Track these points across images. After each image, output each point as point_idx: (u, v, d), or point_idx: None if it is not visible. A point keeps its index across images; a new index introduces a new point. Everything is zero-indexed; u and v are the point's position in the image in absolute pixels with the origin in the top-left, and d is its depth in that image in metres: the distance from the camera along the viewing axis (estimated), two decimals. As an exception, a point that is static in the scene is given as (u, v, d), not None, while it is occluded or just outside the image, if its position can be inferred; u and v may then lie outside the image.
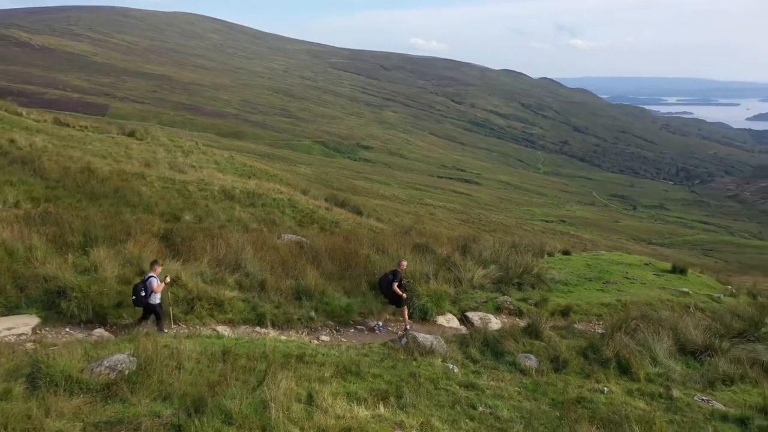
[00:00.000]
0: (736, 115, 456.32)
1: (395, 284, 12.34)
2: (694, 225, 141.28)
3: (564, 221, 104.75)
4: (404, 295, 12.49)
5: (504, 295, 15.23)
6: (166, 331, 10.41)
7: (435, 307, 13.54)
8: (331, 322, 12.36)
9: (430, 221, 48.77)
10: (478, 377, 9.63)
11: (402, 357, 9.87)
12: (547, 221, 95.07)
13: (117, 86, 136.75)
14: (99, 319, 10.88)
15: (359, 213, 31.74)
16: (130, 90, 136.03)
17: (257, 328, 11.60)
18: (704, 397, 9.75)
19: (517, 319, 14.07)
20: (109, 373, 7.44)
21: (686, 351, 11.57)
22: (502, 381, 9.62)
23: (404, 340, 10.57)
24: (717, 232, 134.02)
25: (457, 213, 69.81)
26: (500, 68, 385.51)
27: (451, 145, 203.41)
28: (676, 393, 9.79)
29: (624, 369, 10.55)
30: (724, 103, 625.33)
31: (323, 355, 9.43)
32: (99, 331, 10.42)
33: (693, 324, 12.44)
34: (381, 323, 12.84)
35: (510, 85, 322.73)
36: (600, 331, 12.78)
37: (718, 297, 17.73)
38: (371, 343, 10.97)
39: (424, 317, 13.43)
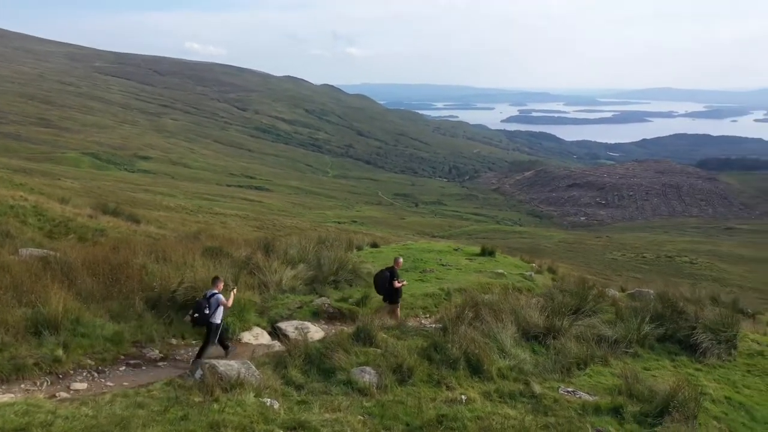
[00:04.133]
0: (492, 118, 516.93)
1: (395, 281, 12.21)
2: (468, 217, 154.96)
3: (355, 221, 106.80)
4: (403, 284, 12.56)
5: (320, 296, 12.81)
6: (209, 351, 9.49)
7: (238, 322, 10.57)
8: (90, 361, 8.72)
9: (223, 230, 44.95)
10: (308, 410, 7.06)
11: (197, 399, 6.88)
12: (339, 222, 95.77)
13: None
14: None
15: (136, 221, 26.92)
16: None
17: (-36, 388, 7.59)
18: (569, 389, 8.40)
19: (340, 324, 11.77)
20: None
21: (529, 336, 10.32)
22: (338, 410, 7.17)
23: (198, 372, 7.55)
24: (486, 221, 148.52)
25: (251, 220, 66.28)
26: (282, 75, 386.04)
27: (238, 152, 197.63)
28: (537, 388, 8.30)
29: (475, 368, 8.83)
30: (482, 107, 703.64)
31: (66, 418, 6.04)
32: None
33: (528, 305, 11.32)
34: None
35: (293, 91, 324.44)
36: (434, 325, 11.04)
37: (529, 275, 17.50)
38: (151, 384, 7.74)
39: (225, 336, 10.39)
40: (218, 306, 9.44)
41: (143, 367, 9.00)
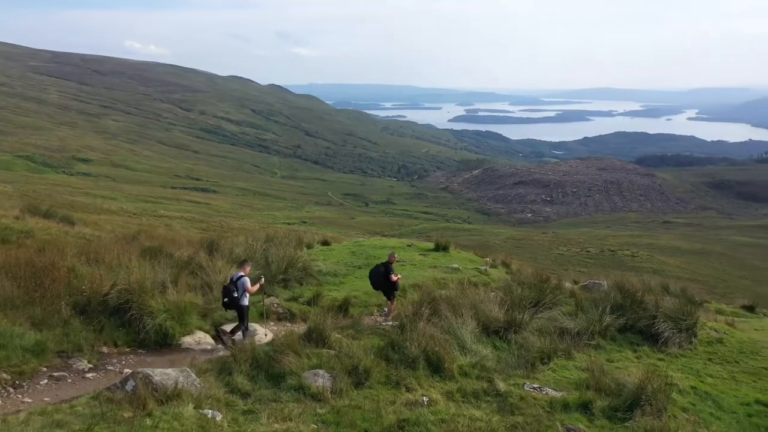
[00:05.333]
0: (440, 118, 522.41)
1: (391, 276, 12.16)
2: (418, 216, 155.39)
3: (305, 222, 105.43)
4: (398, 278, 12.59)
5: (269, 296, 12.03)
6: (239, 336, 9.90)
7: (178, 326, 9.69)
8: (5, 375, 7.71)
9: (167, 232, 43.23)
10: (255, 420, 6.37)
11: (126, 415, 6.07)
12: (289, 224, 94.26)
13: None
14: None
15: (70, 223, 25.31)
16: None
17: None
18: (534, 385, 7.98)
19: (290, 324, 11.07)
20: None
21: (490, 331, 9.89)
22: (289, 419, 6.51)
23: (130, 384, 6.72)
24: (436, 220, 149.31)
25: (197, 222, 64.42)
26: (228, 75, 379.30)
27: (183, 153, 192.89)
28: (502, 386, 7.83)
29: (435, 366, 8.31)
30: (429, 107, 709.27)
31: (-35, 446, 5.17)
32: None
33: (487, 299, 10.90)
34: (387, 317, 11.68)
35: (239, 91, 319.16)
36: (391, 322, 10.47)
37: (485, 269, 17.17)
38: (75, 399, 6.87)
39: (163, 342, 9.49)
40: (245, 289, 9.91)
41: (69, 380, 8.06)
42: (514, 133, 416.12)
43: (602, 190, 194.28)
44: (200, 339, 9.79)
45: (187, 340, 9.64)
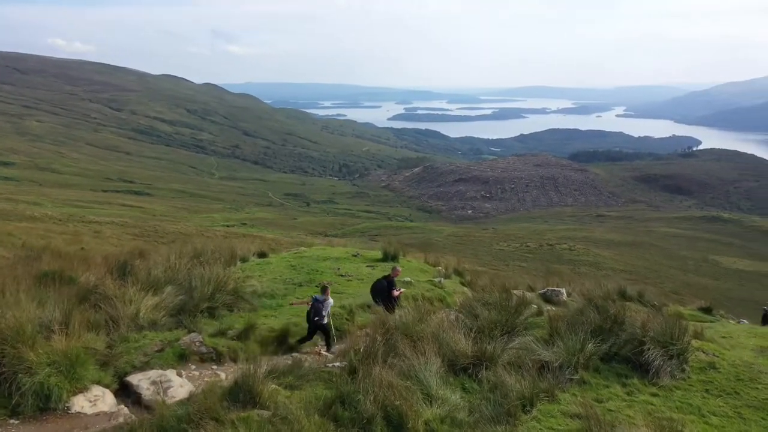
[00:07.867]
0: (380, 116, 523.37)
1: (393, 291, 12.40)
2: (360, 215, 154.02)
3: (245, 224, 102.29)
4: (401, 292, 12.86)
5: (191, 331, 9.91)
6: (333, 349, 10.69)
7: (66, 383, 7.50)
8: None
9: (95, 240, 40.20)
10: None
11: None
12: (228, 226, 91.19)
13: None
14: None
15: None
16: None
17: None
18: (521, 447, 6.39)
19: (215, 367, 9.09)
20: None
21: (457, 368, 8.27)
22: None
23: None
24: (378, 218, 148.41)
25: (129, 227, 60.71)
26: (160, 73, 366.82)
27: (114, 155, 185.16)
28: (481, 450, 6.22)
29: (396, 426, 6.62)
30: (369, 105, 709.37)
31: None
32: None
33: (450, 326, 9.31)
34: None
35: (173, 90, 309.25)
36: (338, 363, 8.71)
37: (439, 281, 15.67)
38: None
39: (45, 406, 7.30)
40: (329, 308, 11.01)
41: None
42: (452, 130, 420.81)
43: (539, 185, 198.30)
44: (97, 398, 7.64)
45: (79, 401, 7.49)
